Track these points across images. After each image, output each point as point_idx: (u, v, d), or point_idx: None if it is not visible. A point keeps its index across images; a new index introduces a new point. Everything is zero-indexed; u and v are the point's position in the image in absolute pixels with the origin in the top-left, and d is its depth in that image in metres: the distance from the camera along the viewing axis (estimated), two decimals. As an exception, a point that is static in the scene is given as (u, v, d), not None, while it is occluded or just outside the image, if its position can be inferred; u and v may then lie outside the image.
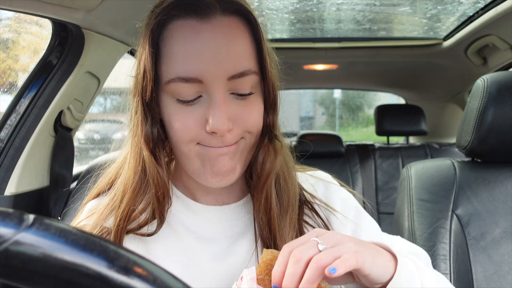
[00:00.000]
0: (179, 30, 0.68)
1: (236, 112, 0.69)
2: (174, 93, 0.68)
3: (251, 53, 0.70)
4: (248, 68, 0.69)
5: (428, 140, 3.40)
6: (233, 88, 0.69)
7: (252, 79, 0.70)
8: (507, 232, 1.16)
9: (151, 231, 0.74)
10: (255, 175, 0.75)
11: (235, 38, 0.69)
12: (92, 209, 0.79)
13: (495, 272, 1.13)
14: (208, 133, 0.67)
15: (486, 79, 1.22)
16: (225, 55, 0.67)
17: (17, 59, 1.80)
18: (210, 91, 0.67)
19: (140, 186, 0.74)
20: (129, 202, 0.73)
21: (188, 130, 0.68)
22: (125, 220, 0.73)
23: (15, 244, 0.30)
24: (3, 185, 1.35)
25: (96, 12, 1.23)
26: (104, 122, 4.58)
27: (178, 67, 0.67)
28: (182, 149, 0.70)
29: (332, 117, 12.13)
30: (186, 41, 0.67)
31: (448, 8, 1.99)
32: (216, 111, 0.66)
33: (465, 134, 1.26)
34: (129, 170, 0.75)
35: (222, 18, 0.68)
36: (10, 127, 1.35)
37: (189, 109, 0.68)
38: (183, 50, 0.67)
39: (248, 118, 0.70)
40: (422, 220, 1.21)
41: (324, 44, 2.56)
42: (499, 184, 1.23)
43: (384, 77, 3.36)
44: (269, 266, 0.59)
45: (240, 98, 0.70)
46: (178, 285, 0.34)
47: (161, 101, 0.71)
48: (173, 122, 0.69)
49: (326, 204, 0.82)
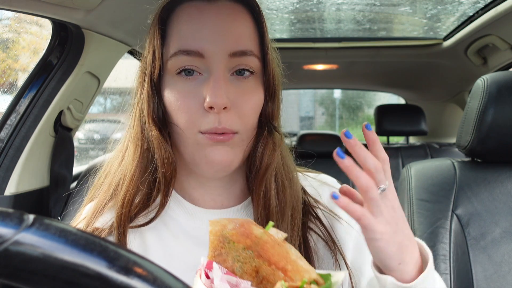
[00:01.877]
0: (185, 11, 0.71)
1: (234, 93, 0.69)
2: (175, 68, 0.69)
3: (254, 38, 0.72)
4: (249, 48, 0.70)
5: (428, 140, 3.40)
6: (234, 67, 0.70)
7: (253, 61, 0.71)
8: (507, 232, 1.16)
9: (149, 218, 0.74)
10: (254, 169, 0.75)
11: (239, 20, 0.71)
12: (86, 212, 0.79)
13: (495, 272, 1.13)
14: (206, 110, 0.67)
15: (486, 79, 1.22)
16: (228, 32, 0.69)
17: (17, 59, 1.80)
18: (210, 67, 0.68)
19: (139, 172, 0.74)
20: (129, 186, 0.73)
21: (188, 108, 0.68)
22: (126, 209, 0.72)
23: (15, 244, 0.30)
24: (3, 185, 1.35)
25: (96, 12, 1.23)
26: (104, 122, 4.58)
27: (180, 42, 0.69)
28: (181, 134, 0.70)
29: (332, 117, 12.12)
30: (190, 19, 0.70)
31: (448, 8, 1.99)
32: (215, 85, 0.67)
33: (465, 134, 1.26)
34: (128, 157, 0.75)
35: (227, 2, 0.71)
36: (10, 127, 1.35)
37: (190, 86, 0.69)
38: (187, 27, 0.69)
39: (246, 102, 0.70)
40: (422, 220, 1.21)
41: (324, 44, 2.56)
42: (499, 184, 1.23)
43: (384, 77, 3.36)
44: (221, 237, 0.52)
45: (240, 78, 0.70)
46: (178, 285, 0.34)
47: (164, 83, 0.72)
48: (175, 100, 0.70)
49: (331, 210, 0.79)
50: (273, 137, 0.75)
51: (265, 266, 0.49)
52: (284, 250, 0.50)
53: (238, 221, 0.52)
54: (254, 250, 0.50)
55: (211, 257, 0.52)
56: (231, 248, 0.51)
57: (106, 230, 0.73)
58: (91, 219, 0.75)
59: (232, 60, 0.69)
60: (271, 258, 0.49)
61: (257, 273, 0.50)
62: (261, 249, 0.50)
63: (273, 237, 0.51)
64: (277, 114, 0.77)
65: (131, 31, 1.45)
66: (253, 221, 0.52)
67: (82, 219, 0.78)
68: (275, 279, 0.49)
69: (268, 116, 0.75)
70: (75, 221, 0.80)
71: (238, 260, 0.50)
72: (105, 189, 0.77)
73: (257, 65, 0.72)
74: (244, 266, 0.50)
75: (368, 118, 10.29)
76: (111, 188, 0.76)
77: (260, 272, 0.50)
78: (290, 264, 0.49)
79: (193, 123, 0.69)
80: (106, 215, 0.75)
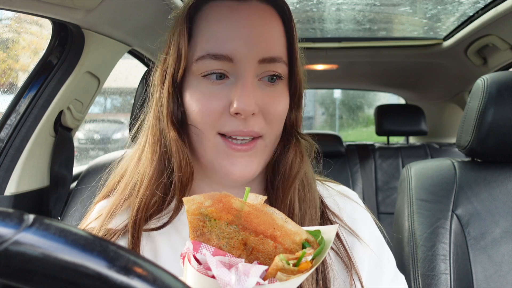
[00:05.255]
0: (216, 10, 0.68)
1: (262, 99, 0.67)
2: (201, 72, 0.67)
3: (283, 43, 0.70)
4: (279, 55, 0.68)
5: (428, 140, 3.40)
6: (262, 74, 0.68)
7: (281, 68, 0.69)
8: (507, 232, 1.16)
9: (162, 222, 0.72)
10: (280, 176, 0.73)
11: (270, 24, 0.69)
12: (100, 210, 0.77)
13: (495, 272, 1.13)
14: (231, 115, 0.66)
15: (486, 79, 1.22)
16: (259, 37, 0.66)
17: (17, 59, 1.80)
18: (239, 71, 0.66)
19: (157, 174, 0.72)
20: (146, 190, 0.71)
21: (210, 111, 0.66)
22: (142, 212, 0.70)
23: (15, 244, 0.30)
24: (3, 185, 1.35)
25: (96, 12, 1.23)
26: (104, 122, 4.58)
27: (209, 45, 0.66)
28: (201, 136, 0.68)
29: (332, 117, 12.11)
30: (221, 19, 0.67)
31: (448, 8, 1.99)
32: (244, 91, 0.65)
33: (465, 134, 1.26)
34: (146, 159, 0.73)
35: (258, 3, 0.69)
36: (10, 127, 1.35)
37: (215, 89, 0.67)
38: (216, 28, 0.67)
39: (273, 107, 0.68)
40: (422, 220, 1.21)
41: (324, 44, 2.56)
42: (499, 184, 1.23)
43: (384, 77, 3.36)
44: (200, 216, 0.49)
45: (268, 84, 0.69)
46: (178, 285, 0.34)
47: (187, 84, 0.70)
48: (196, 103, 0.67)
49: (351, 228, 0.76)
50: (300, 146, 0.74)
51: (252, 237, 0.48)
52: (269, 217, 0.49)
53: (215, 196, 0.50)
54: (238, 224, 0.49)
55: (194, 238, 0.50)
56: (213, 226, 0.49)
57: (119, 232, 0.72)
58: (105, 219, 0.73)
59: (261, 65, 0.67)
60: (257, 228, 0.48)
61: (245, 245, 0.49)
62: (245, 222, 0.49)
63: (255, 206, 0.49)
64: (301, 121, 0.76)
65: (131, 31, 1.45)
66: (230, 194, 0.50)
67: (95, 218, 0.76)
68: (264, 247, 0.48)
69: (293, 123, 0.74)
70: (86, 219, 0.79)
71: (223, 237, 0.49)
72: (121, 190, 0.75)
73: (285, 71, 0.70)
74: (230, 241, 0.49)
75: (368, 118, 10.29)
76: (127, 189, 0.74)
77: (248, 244, 0.49)
78: (278, 230, 0.48)
79: (213, 125, 0.67)
80: (119, 217, 0.74)
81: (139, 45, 1.61)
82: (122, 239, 0.72)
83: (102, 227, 0.72)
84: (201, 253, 0.48)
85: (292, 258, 0.46)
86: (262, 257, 0.49)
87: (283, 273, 0.45)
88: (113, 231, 0.72)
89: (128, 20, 1.39)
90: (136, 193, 0.72)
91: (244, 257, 0.49)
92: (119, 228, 0.72)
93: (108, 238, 0.71)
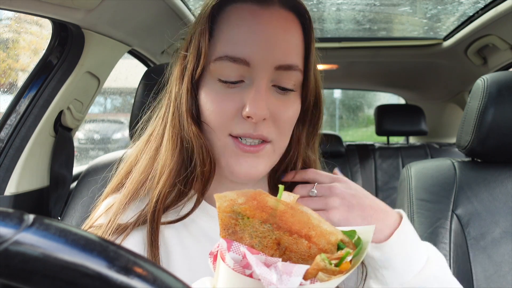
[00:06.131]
0: (238, 12, 0.69)
1: (274, 105, 0.68)
2: (218, 72, 0.68)
3: (301, 52, 0.71)
4: (296, 63, 0.69)
5: (428, 140, 3.40)
6: (277, 80, 0.69)
7: (296, 76, 0.70)
8: (507, 232, 1.16)
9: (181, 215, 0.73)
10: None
11: (290, 31, 0.70)
12: (108, 205, 0.77)
13: (495, 272, 1.13)
14: (243, 118, 0.67)
15: (486, 79, 1.22)
16: (278, 43, 0.67)
17: (17, 58, 1.80)
18: (254, 76, 0.67)
19: (178, 167, 0.73)
20: (166, 182, 0.72)
21: (223, 112, 0.68)
22: (162, 202, 0.71)
23: (15, 244, 0.30)
24: (3, 185, 1.35)
25: (96, 12, 1.23)
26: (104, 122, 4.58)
27: (228, 47, 0.68)
28: (212, 135, 0.70)
29: (332, 117, 12.10)
30: (242, 22, 0.68)
31: (448, 8, 1.99)
32: (257, 96, 0.66)
33: (465, 134, 1.26)
34: (166, 152, 0.74)
35: (280, 9, 0.69)
36: (10, 127, 1.35)
37: (229, 91, 0.68)
38: (237, 31, 0.68)
39: (283, 113, 0.70)
40: (422, 220, 1.21)
41: (324, 44, 2.56)
42: (499, 184, 1.23)
43: (384, 77, 3.36)
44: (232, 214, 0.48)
45: (281, 92, 0.70)
46: (178, 285, 0.34)
47: (203, 83, 0.71)
48: (210, 104, 0.69)
49: None
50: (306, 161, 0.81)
51: (286, 236, 0.47)
52: (305, 216, 0.47)
53: (249, 193, 0.48)
54: (272, 222, 0.47)
55: (225, 236, 0.48)
56: (246, 224, 0.47)
57: (131, 226, 0.72)
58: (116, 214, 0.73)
59: (277, 72, 0.68)
60: (292, 227, 0.47)
61: (279, 245, 0.47)
62: (279, 220, 0.47)
63: (290, 204, 0.48)
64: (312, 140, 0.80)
65: (131, 31, 1.45)
66: (264, 191, 0.49)
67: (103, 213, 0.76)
68: (298, 247, 0.47)
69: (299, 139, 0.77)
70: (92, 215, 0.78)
71: (256, 236, 0.47)
72: (134, 183, 0.75)
73: (299, 80, 0.71)
74: (263, 240, 0.47)
75: (368, 118, 10.29)
76: (141, 182, 0.75)
77: (282, 244, 0.47)
78: (313, 229, 0.47)
79: (225, 126, 0.68)
80: (130, 211, 0.74)
81: (139, 45, 1.60)
82: (135, 233, 0.72)
83: (114, 222, 0.72)
84: (234, 251, 0.46)
85: (333, 258, 0.45)
86: (295, 257, 0.47)
87: (324, 273, 0.44)
88: (124, 226, 0.72)
89: (128, 20, 1.39)
90: (156, 185, 0.73)
91: (277, 257, 0.47)
92: (131, 222, 0.72)
93: (120, 232, 0.71)
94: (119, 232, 0.71)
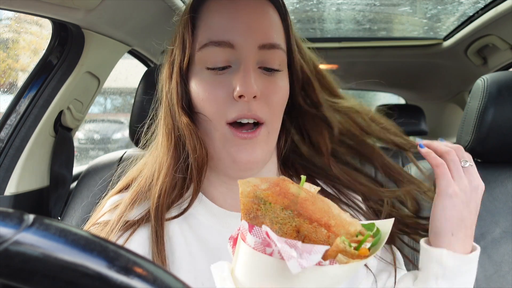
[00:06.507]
0: (217, 2, 0.72)
1: (263, 85, 0.70)
2: (204, 60, 0.70)
3: (281, 33, 0.74)
4: (278, 42, 0.72)
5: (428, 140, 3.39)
6: (262, 61, 0.71)
7: (280, 55, 0.72)
8: (507, 232, 1.16)
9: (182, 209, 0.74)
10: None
11: (268, 14, 0.73)
12: (115, 203, 0.78)
13: (495, 272, 1.13)
14: (235, 100, 0.68)
15: (486, 79, 1.22)
16: (258, 23, 0.70)
17: (17, 58, 1.80)
18: (240, 58, 0.69)
19: (174, 161, 0.74)
20: (164, 180, 0.73)
21: (216, 99, 0.69)
22: (164, 196, 0.72)
23: (15, 244, 0.30)
24: (3, 185, 1.35)
25: (96, 12, 1.23)
26: (104, 122, 4.58)
27: (211, 33, 0.70)
28: (210, 125, 0.71)
29: (332, 117, 12.09)
30: (221, 9, 0.71)
31: (448, 8, 1.99)
32: (246, 75, 0.68)
33: (465, 134, 1.26)
34: (162, 148, 0.75)
35: None
36: (10, 127, 1.35)
37: (218, 78, 0.70)
38: (218, 17, 0.71)
39: (273, 92, 0.71)
40: (422, 220, 1.21)
41: (324, 44, 2.56)
42: (499, 184, 1.22)
43: (384, 77, 3.35)
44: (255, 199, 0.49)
45: (267, 73, 0.72)
46: (178, 285, 0.34)
47: (192, 74, 0.73)
48: (202, 93, 0.71)
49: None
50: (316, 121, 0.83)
51: (306, 224, 0.47)
52: (326, 204, 0.48)
53: (272, 180, 0.49)
54: (293, 209, 0.47)
55: (246, 220, 0.48)
56: (268, 209, 0.48)
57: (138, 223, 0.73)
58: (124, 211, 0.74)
59: (261, 52, 0.70)
60: (312, 215, 0.47)
61: (298, 232, 0.48)
62: (300, 208, 0.47)
63: (312, 192, 0.48)
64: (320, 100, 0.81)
65: (131, 31, 1.45)
66: (287, 178, 0.49)
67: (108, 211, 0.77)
68: (317, 236, 0.47)
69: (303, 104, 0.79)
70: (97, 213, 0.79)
71: (277, 222, 0.48)
72: (141, 182, 0.77)
73: (284, 59, 0.74)
74: (283, 227, 0.48)
75: (368, 118, 10.26)
76: (146, 181, 0.76)
77: (301, 231, 0.48)
78: (333, 219, 0.47)
79: (221, 113, 0.70)
80: (137, 209, 0.75)
81: (139, 45, 1.60)
82: (142, 229, 0.73)
83: (121, 219, 0.73)
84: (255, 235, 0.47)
85: (353, 241, 0.46)
86: None
87: (344, 255, 0.45)
88: (132, 222, 0.73)
89: (128, 20, 1.38)
90: (156, 182, 0.74)
91: None
92: (138, 219, 0.74)
93: (127, 229, 0.72)
94: (126, 228, 0.72)
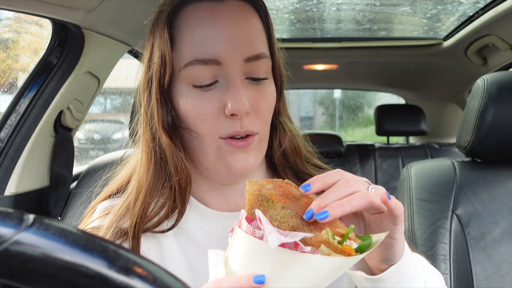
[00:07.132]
0: (195, 12, 0.69)
1: (252, 98, 0.69)
2: (190, 78, 0.68)
3: (264, 38, 0.72)
4: (262, 51, 0.70)
5: (428, 140, 3.39)
6: (249, 72, 0.70)
7: (266, 63, 0.71)
8: (507, 232, 1.16)
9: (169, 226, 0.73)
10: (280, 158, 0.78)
11: (250, 21, 0.70)
12: (106, 208, 0.77)
13: (495, 272, 1.13)
14: (227, 117, 0.67)
15: (486, 79, 1.22)
16: (242, 36, 0.68)
17: (17, 58, 1.80)
18: (227, 73, 0.68)
19: (154, 181, 0.72)
20: (144, 200, 0.71)
21: (207, 116, 0.68)
22: (141, 219, 0.71)
23: (15, 244, 0.30)
24: (3, 185, 1.35)
25: (96, 12, 1.23)
26: (104, 122, 4.58)
27: (195, 49, 0.67)
28: (201, 141, 0.70)
29: (332, 117, 12.11)
30: (202, 22, 0.68)
31: (448, 8, 1.99)
32: (236, 93, 0.66)
33: (465, 134, 1.26)
34: (142, 167, 0.73)
35: (236, 1, 0.70)
36: (10, 127, 1.35)
37: (206, 95, 0.68)
38: (200, 32, 0.67)
39: (263, 103, 0.71)
40: (422, 220, 1.21)
41: (324, 44, 2.56)
42: (499, 184, 1.23)
43: (384, 77, 3.35)
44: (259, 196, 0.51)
45: (254, 83, 0.70)
46: (178, 285, 0.34)
47: (176, 90, 0.70)
48: (191, 110, 0.68)
49: None
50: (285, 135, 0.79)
51: (303, 226, 0.50)
52: None
53: (277, 181, 0.54)
54: (292, 209, 0.51)
55: (249, 215, 0.51)
56: (269, 206, 0.51)
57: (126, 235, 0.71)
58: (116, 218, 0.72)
59: (247, 64, 0.69)
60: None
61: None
62: (299, 209, 0.51)
63: (312, 199, 0.52)
64: (285, 110, 0.80)
65: (131, 31, 1.45)
66: (291, 182, 0.53)
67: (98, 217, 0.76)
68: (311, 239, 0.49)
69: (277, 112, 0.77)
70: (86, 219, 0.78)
71: (276, 219, 0.50)
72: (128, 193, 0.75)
73: (269, 66, 0.72)
74: (281, 225, 0.50)
75: (368, 118, 10.28)
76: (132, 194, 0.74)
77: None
78: (329, 224, 0.51)
79: (213, 130, 0.68)
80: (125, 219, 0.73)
81: (139, 45, 1.60)
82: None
83: (112, 226, 0.72)
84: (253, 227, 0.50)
85: (338, 234, 0.49)
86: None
87: (327, 246, 0.47)
88: (123, 232, 0.72)
89: (128, 20, 1.39)
90: (134, 203, 0.72)
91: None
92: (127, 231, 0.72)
93: (120, 236, 0.71)
94: (121, 235, 0.71)
